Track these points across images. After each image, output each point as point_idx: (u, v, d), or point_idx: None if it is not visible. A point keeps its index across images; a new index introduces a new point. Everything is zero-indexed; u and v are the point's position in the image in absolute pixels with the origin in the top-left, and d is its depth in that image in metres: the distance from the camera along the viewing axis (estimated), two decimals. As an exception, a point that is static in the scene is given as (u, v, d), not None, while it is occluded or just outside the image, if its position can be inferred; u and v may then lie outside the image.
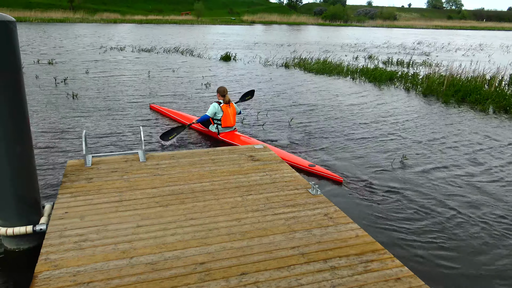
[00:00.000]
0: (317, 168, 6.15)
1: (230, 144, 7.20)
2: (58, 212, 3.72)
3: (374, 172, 6.22)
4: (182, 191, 4.26)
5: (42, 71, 14.72)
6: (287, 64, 18.61)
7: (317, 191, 4.29)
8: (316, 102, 11.20)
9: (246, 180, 4.61)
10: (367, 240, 3.41)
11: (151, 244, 3.25)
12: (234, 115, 7.60)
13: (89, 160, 4.96)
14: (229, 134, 7.50)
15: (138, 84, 12.96)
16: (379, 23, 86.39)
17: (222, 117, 7.41)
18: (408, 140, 7.95)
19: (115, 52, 21.96)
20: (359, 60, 21.21)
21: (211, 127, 7.64)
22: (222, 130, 7.53)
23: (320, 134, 8.15)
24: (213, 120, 7.55)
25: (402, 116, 9.89)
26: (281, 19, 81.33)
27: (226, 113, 7.42)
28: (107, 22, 57.94)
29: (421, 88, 13.50)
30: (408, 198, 5.37)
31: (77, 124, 8.22)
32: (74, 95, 10.80)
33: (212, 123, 7.61)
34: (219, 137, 7.51)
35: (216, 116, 7.45)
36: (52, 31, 36.84)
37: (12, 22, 3.34)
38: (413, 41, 39.24)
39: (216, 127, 7.54)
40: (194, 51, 22.97)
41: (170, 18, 67.42)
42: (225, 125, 7.46)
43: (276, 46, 29.21)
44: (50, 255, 3.07)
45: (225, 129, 7.54)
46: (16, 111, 3.46)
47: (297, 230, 3.54)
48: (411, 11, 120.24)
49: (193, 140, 7.64)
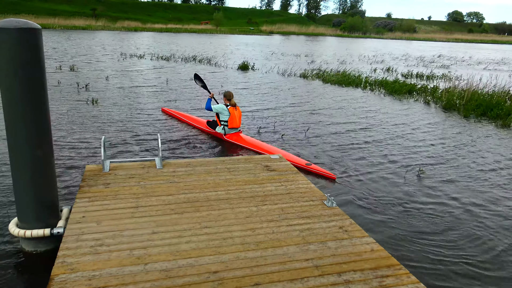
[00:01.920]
0: (313, 166, 6.63)
1: (235, 144, 7.80)
2: (75, 216, 3.78)
3: (390, 185, 6.15)
4: (198, 199, 4.28)
5: (64, 77, 15.03)
6: (305, 75, 18.62)
7: (332, 203, 4.26)
8: (334, 113, 11.16)
9: (261, 190, 4.61)
10: (383, 254, 3.37)
11: (166, 251, 3.27)
12: (240, 117, 8.10)
13: (107, 165, 5.03)
14: (234, 135, 7.97)
15: (156, 92, 13.13)
16: (398, 36, 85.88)
17: (229, 119, 7.88)
18: (425, 153, 7.85)
19: (135, 60, 22.30)
20: (378, 72, 21.10)
21: (217, 129, 8.10)
22: (228, 132, 7.98)
23: (336, 145, 8.10)
24: (220, 122, 8.01)
25: (421, 130, 9.78)
26: (299, 30, 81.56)
27: (232, 115, 7.89)
28: (127, 30, 58.94)
29: (441, 101, 13.34)
30: (425, 212, 5.29)
31: (96, 130, 8.35)
32: (94, 101, 10.99)
33: (219, 125, 8.06)
34: (225, 138, 7.99)
35: (223, 117, 7.92)
36: (75, 38, 37.65)
37: (38, 30, 3.44)
38: (433, 54, 38.88)
39: (222, 128, 8.00)
40: (212, 60, 23.17)
41: (189, 27, 68.24)
42: (231, 126, 7.94)
43: (294, 56, 29.27)
44: (66, 258, 3.11)
45: (231, 130, 7.99)
46: (38, 116, 3.54)
47: (311, 242, 3.52)
48: (431, 24, 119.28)
49: (201, 140, 8.12)
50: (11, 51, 3.31)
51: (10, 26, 3.26)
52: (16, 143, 3.52)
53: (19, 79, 3.37)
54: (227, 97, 8.03)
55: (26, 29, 3.33)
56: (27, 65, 3.38)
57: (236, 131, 8.04)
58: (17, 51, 3.31)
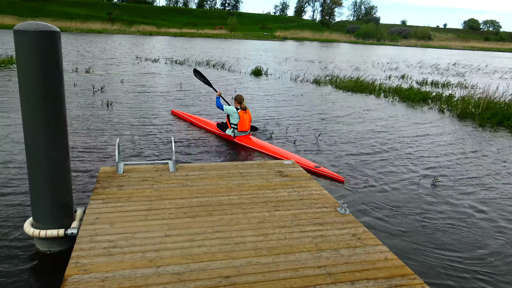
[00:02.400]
0: (322, 169, 6.75)
1: (244, 146, 7.95)
2: (89, 218, 3.81)
3: (404, 193, 6.09)
4: (210, 203, 4.28)
5: (79, 79, 15.23)
6: (318, 81, 18.58)
7: (345, 210, 4.22)
8: (347, 119, 11.10)
9: (274, 195, 4.60)
10: (396, 263, 3.33)
11: (178, 255, 3.27)
12: (250, 120, 8.30)
13: (121, 168, 5.07)
14: (244, 138, 8.17)
15: (170, 95, 13.22)
16: (413, 43, 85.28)
17: (239, 122, 8.08)
18: (440, 162, 7.75)
19: (149, 63, 22.52)
20: (392, 80, 20.96)
21: (227, 131, 8.29)
22: (237, 134, 8.19)
23: (348, 151, 8.05)
24: (230, 125, 8.21)
25: (436, 138, 9.67)
26: (313, 36, 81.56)
27: (242, 119, 8.09)
28: (143, 34, 59.61)
29: (456, 110, 13.18)
30: (441, 222, 5.21)
31: (111, 132, 8.43)
32: (109, 103, 11.11)
33: (229, 127, 8.25)
34: (235, 140, 8.16)
35: (233, 120, 8.12)
36: (91, 41, 38.18)
37: (57, 33, 3.49)
38: (448, 61, 38.51)
39: (232, 131, 8.19)
40: (226, 65, 23.27)
41: (203, 32, 68.75)
42: (241, 129, 8.13)
43: (307, 62, 29.25)
44: (80, 259, 3.13)
45: (241, 133, 8.20)
46: (55, 117, 3.59)
47: (324, 249, 3.49)
48: (446, 32, 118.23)
49: (211, 143, 8.21)
50: (31, 54, 3.36)
51: (30, 29, 3.32)
52: (33, 144, 3.57)
53: (37, 81, 3.42)
54: (238, 100, 8.25)
55: (46, 32, 3.38)
56: (45, 67, 3.43)
57: (245, 134, 8.26)
58: (36, 54, 3.36)
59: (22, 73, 3.43)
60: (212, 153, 7.52)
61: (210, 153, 7.52)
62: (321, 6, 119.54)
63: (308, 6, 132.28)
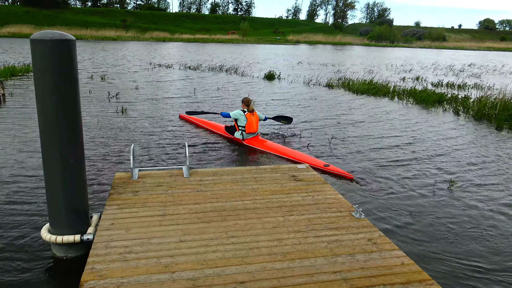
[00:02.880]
0: (331, 167, 6.92)
1: (253, 148, 8.11)
2: (105, 223, 3.84)
3: (419, 196, 6.00)
4: (224, 208, 4.28)
5: (95, 86, 15.45)
6: (331, 84, 18.51)
7: (361, 215, 4.18)
8: (360, 123, 11.02)
9: (288, 200, 4.58)
10: (413, 269, 3.27)
11: (193, 260, 3.28)
12: (257, 122, 8.42)
13: (136, 173, 5.11)
14: (252, 139, 8.31)
15: (184, 101, 13.30)
16: (427, 44, 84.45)
17: (247, 124, 8.23)
18: (456, 164, 7.63)
19: (163, 69, 22.72)
20: (406, 82, 20.76)
21: (236, 134, 8.43)
22: (246, 136, 8.32)
23: (362, 153, 7.98)
24: (238, 127, 8.35)
25: (451, 140, 9.53)
26: (326, 39, 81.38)
27: (250, 121, 8.23)
28: (156, 40, 60.25)
29: (472, 111, 12.98)
30: (460, 227, 5.12)
31: (126, 138, 8.51)
32: (123, 110, 11.23)
33: (237, 130, 8.40)
34: (244, 142, 8.30)
35: (241, 123, 8.26)
36: (106, 48, 38.71)
37: (72, 41, 3.54)
38: (464, 62, 38.01)
39: (240, 133, 8.32)
40: (239, 70, 23.34)
41: (216, 37, 69.18)
42: (249, 131, 8.28)
43: (320, 66, 29.17)
44: (96, 265, 3.16)
45: (249, 135, 8.34)
46: (71, 124, 3.64)
47: (339, 254, 3.46)
48: (461, 32, 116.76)
49: (221, 145, 8.38)
50: (47, 62, 3.41)
51: (46, 38, 3.37)
52: (50, 151, 3.62)
53: (53, 88, 3.47)
54: (245, 103, 8.39)
55: (61, 41, 3.43)
56: (61, 75, 3.48)
57: (253, 136, 8.40)
58: (52, 62, 3.42)
59: (38, 81, 3.49)
60: (222, 157, 7.60)
61: (220, 156, 7.60)
62: (333, 9, 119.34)
63: (320, 9, 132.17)
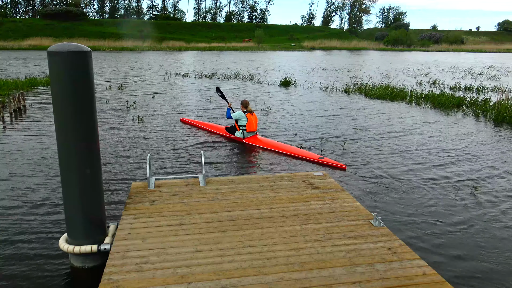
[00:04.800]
0: (326, 159, 7.64)
1: (254, 145, 8.79)
2: (121, 233, 3.84)
3: (440, 202, 5.86)
4: (241, 217, 4.24)
5: (112, 96, 15.67)
6: (347, 90, 18.38)
7: (380, 223, 4.09)
8: (378, 128, 10.88)
9: (305, 208, 4.51)
10: (436, 279, 3.17)
11: (209, 270, 3.24)
12: (256, 122, 9.17)
13: (152, 182, 5.12)
14: (252, 138, 9.05)
15: (200, 109, 13.37)
16: (445, 47, 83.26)
17: (247, 124, 8.95)
18: (478, 169, 7.44)
19: (179, 78, 22.92)
20: (424, 86, 20.48)
21: (237, 133, 9.16)
22: (247, 135, 9.05)
23: (382, 161, 7.86)
24: (239, 127, 9.05)
25: (472, 144, 9.32)
26: (341, 45, 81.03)
27: (250, 120, 8.97)
28: (172, 49, 60.92)
29: (492, 115, 12.70)
30: (482, 234, 4.97)
31: (142, 147, 8.57)
32: (139, 119, 11.34)
33: (238, 129, 9.11)
34: (244, 141, 9.01)
35: (241, 122, 8.96)
36: (123, 58, 39.30)
37: (88, 52, 3.57)
38: (483, 65, 37.34)
39: (241, 133, 9.05)
40: (254, 77, 23.38)
41: (232, 45, 69.60)
42: (249, 130, 9.02)
43: (336, 71, 29.02)
44: (112, 276, 3.15)
45: (249, 134, 9.09)
46: (88, 135, 3.66)
47: (358, 263, 3.38)
48: (480, 35, 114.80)
49: (223, 144, 9.09)
50: (64, 73, 3.45)
51: (62, 50, 3.41)
52: (67, 161, 3.65)
53: (70, 99, 3.50)
54: (244, 104, 9.12)
55: (77, 52, 3.46)
56: (78, 86, 3.51)
57: (253, 134, 9.15)
58: (69, 73, 3.45)
59: (55, 92, 3.52)
60: (227, 154, 8.28)
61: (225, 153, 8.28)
62: (348, 15, 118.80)
63: (335, 15, 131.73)
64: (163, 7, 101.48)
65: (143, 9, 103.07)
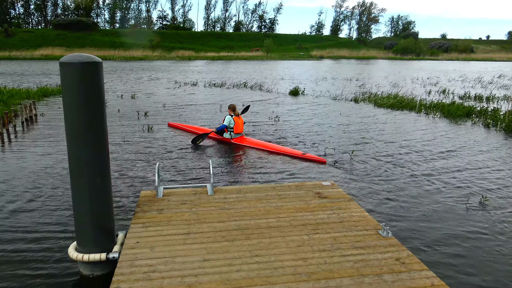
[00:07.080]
0: (308, 155, 8.57)
1: (241, 145, 9.68)
2: (130, 242, 3.87)
3: (450, 213, 5.81)
4: (248, 227, 4.25)
5: (124, 105, 15.82)
6: (356, 99, 18.37)
7: (388, 233, 4.07)
8: (387, 137, 10.84)
9: (312, 218, 4.51)
10: (444, 290, 3.15)
11: (216, 280, 3.25)
12: (243, 124, 10.10)
13: (161, 191, 5.15)
14: (239, 138, 9.96)
15: (209, 118, 13.44)
16: (454, 56, 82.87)
17: (234, 126, 9.86)
18: (487, 179, 7.37)
19: (189, 87, 23.08)
20: (433, 95, 20.39)
21: (225, 135, 10.03)
22: (234, 136, 9.95)
23: (391, 170, 7.82)
24: (227, 129, 9.91)
25: (482, 154, 9.23)
26: (350, 54, 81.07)
27: (237, 123, 9.90)
28: (182, 59, 61.40)
29: (503, 124, 12.59)
30: (492, 245, 4.92)
31: (151, 156, 8.63)
32: (149, 128, 11.43)
33: (226, 131, 9.98)
34: (232, 141, 9.88)
35: (230, 125, 9.82)
36: (134, 68, 39.71)
37: (99, 63, 3.64)
38: (493, 74, 37.08)
39: (229, 134, 9.93)
40: (263, 86, 23.46)
41: (240, 55, 69.97)
42: (237, 131, 9.94)
43: (345, 80, 29.02)
44: (121, 284, 3.17)
45: (237, 135, 9.97)
46: (98, 144, 3.71)
47: (366, 274, 3.36)
48: (490, 43, 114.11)
49: (212, 144, 9.91)
50: (75, 83, 3.52)
51: (74, 61, 3.48)
52: (77, 170, 3.70)
53: (81, 108, 3.56)
54: (231, 109, 10.00)
55: (88, 63, 3.53)
56: (89, 96, 3.57)
57: (240, 135, 10.03)
58: (80, 83, 3.52)
59: (67, 102, 3.59)
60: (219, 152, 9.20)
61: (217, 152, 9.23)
62: (357, 24, 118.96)
63: (344, 24, 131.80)
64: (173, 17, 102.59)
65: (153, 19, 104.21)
